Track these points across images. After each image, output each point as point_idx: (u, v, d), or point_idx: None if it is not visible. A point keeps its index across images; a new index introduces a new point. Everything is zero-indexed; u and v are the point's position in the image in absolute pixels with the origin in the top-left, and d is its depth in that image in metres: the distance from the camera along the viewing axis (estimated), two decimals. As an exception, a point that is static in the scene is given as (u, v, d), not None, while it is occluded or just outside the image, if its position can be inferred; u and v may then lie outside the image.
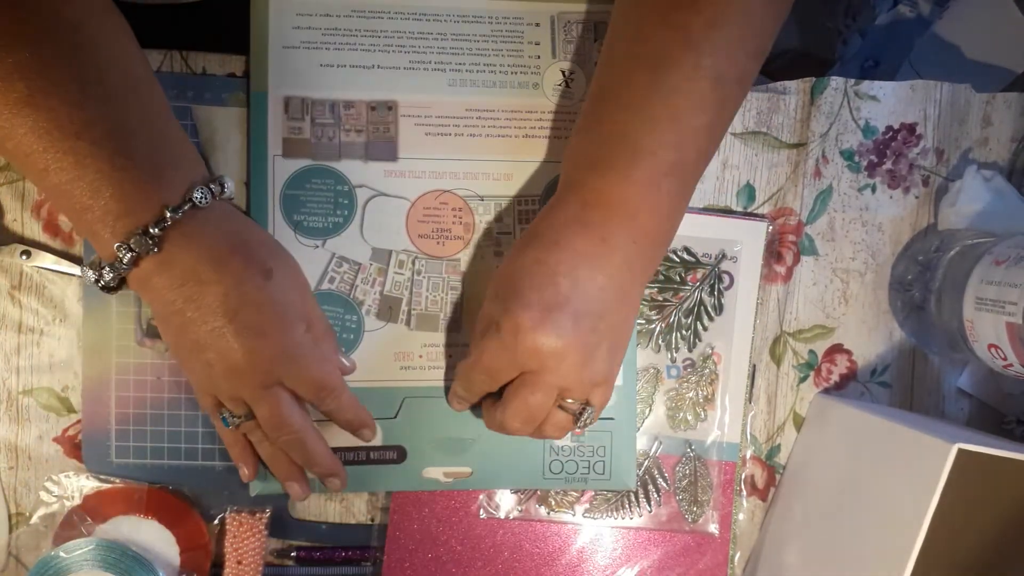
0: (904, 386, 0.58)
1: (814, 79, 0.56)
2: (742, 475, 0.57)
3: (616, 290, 0.45)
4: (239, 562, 0.51)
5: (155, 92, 0.45)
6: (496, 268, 0.49)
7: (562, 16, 0.54)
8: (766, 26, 0.45)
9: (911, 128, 0.57)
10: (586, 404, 0.46)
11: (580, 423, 0.47)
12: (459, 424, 0.52)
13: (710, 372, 0.56)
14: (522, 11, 0.54)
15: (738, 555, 0.57)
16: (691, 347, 0.56)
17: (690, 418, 0.55)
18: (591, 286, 0.44)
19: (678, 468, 0.55)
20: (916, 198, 0.57)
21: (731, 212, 0.56)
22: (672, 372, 0.56)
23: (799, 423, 0.57)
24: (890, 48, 0.96)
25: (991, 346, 0.50)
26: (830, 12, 0.95)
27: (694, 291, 0.55)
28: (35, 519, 0.51)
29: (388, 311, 0.53)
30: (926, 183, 0.57)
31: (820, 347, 0.57)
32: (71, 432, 0.52)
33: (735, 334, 0.55)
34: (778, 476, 0.57)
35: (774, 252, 0.56)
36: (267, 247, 0.47)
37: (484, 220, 0.53)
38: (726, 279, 0.55)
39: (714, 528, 0.55)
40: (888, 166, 0.57)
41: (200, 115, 0.52)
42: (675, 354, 0.56)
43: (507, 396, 0.47)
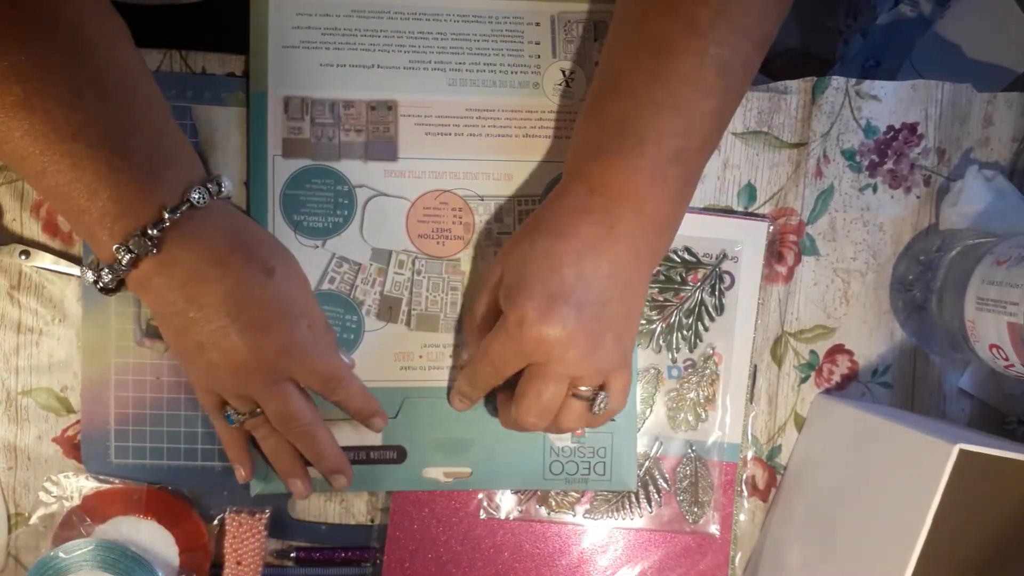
0: (905, 386, 0.58)
1: (815, 79, 0.56)
2: (743, 476, 0.56)
3: (621, 278, 0.45)
4: (238, 563, 0.51)
5: (153, 93, 0.45)
6: (497, 253, 0.49)
7: (562, 16, 0.54)
8: (770, 14, 0.45)
9: (912, 128, 0.57)
10: (599, 389, 0.46)
11: (595, 408, 0.47)
12: (459, 424, 0.52)
13: (711, 372, 0.55)
14: (522, 11, 0.53)
15: (739, 556, 0.57)
16: (692, 347, 0.55)
17: (691, 419, 0.55)
18: (596, 275, 0.44)
19: (679, 469, 0.55)
20: (917, 198, 0.57)
21: (732, 212, 0.56)
22: (673, 372, 0.55)
23: (800, 423, 0.57)
24: (891, 48, 0.96)
25: (992, 346, 0.49)
26: (831, 12, 0.95)
27: (695, 291, 0.55)
28: (34, 519, 0.51)
29: (388, 311, 0.53)
30: (927, 183, 0.57)
31: (821, 347, 0.57)
32: (70, 432, 0.52)
33: (736, 334, 0.55)
34: (779, 477, 0.57)
35: (775, 252, 0.56)
36: (267, 245, 0.47)
37: (484, 220, 0.53)
38: (727, 279, 0.55)
39: (715, 529, 0.55)
40: (889, 166, 0.57)
41: (200, 115, 0.52)
42: (676, 354, 0.55)
43: (519, 392, 0.47)
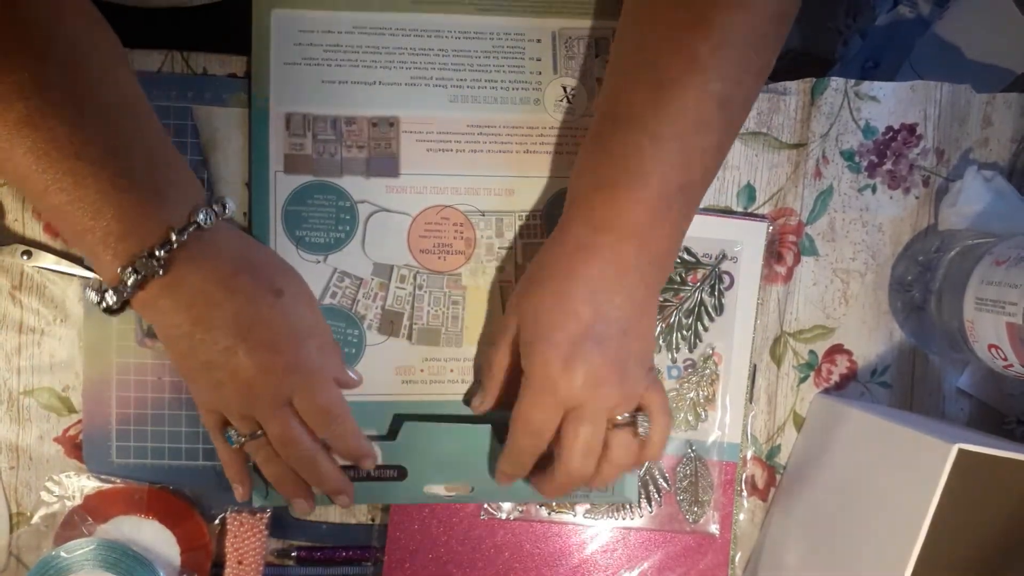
0: (904, 386, 0.58)
1: (814, 80, 0.56)
2: (743, 475, 0.57)
3: (634, 305, 0.45)
4: (240, 562, 0.51)
5: (150, 112, 0.44)
6: (509, 298, 0.49)
7: (563, 32, 0.54)
8: (770, 45, 0.45)
9: (911, 128, 0.57)
10: (637, 412, 0.46)
11: (639, 431, 0.46)
12: (459, 443, 0.52)
13: (711, 372, 0.56)
14: (523, 27, 0.53)
15: (739, 555, 0.57)
16: (692, 347, 0.56)
17: (691, 418, 0.55)
18: (611, 307, 0.44)
19: (679, 468, 0.55)
20: (916, 198, 0.57)
21: (731, 212, 0.56)
22: (673, 372, 0.56)
23: (799, 423, 0.57)
24: (890, 48, 0.96)
25: (991, 346, 0.50)
26: (830, 12, 0.95)
27: (694, 291, 0.55)
28: (36, 519, 0.51)
29: (389, 325, 0.53)
30: (926, 183, 0.57)
31: (820, 347, 0.57)
32: (72, 432, 0.52)
33: (735, 334, 0.56)
34: (778, 476, 0.57)
35: (774, 252, 0.56)
36: (273, 266, 0.47)
37: (485, 235, 0.53)
38: (726, 279, 0.55)
39: (715, 528, 0.55)
40: (888, 166, 0.57)
41: (200, 115, 0.52)
42: (676, 354, 0.56)
43: (561, 443, 0.46)
